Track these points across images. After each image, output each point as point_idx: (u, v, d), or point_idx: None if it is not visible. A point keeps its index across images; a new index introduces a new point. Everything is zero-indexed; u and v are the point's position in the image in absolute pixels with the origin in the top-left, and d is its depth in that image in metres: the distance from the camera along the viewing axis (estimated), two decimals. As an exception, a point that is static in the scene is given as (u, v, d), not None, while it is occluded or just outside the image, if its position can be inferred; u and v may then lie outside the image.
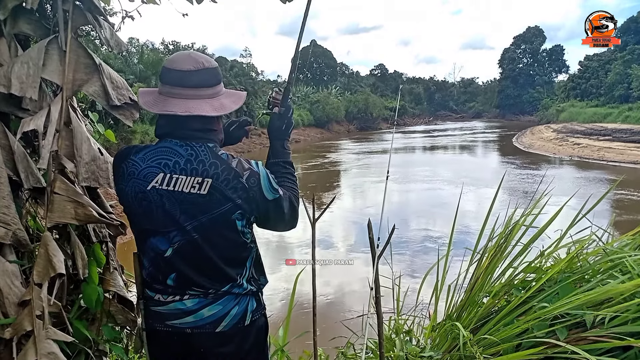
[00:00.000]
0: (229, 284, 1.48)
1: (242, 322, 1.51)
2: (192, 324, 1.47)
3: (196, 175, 1.38)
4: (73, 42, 1.48)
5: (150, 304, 1.52)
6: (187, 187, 1.38)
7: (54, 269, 1.38)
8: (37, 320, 1.36)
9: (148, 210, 1.41)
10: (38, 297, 1.38)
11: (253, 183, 1.42)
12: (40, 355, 1.35)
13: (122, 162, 1.44)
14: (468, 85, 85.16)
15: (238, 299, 1.51)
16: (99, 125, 1.98)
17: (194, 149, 1.41)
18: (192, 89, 1.41)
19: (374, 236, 2.14)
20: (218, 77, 1.49)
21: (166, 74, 1.43)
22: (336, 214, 12.53)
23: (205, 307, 1.47)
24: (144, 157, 1.42)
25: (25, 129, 1.39)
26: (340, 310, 6.45)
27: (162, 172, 1.39)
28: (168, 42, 39.27)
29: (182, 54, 1.46)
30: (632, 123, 29.15)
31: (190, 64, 1.41)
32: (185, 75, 1.40)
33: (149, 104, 1.44)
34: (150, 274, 1.49)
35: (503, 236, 2.59)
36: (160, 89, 1.45)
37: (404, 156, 27.32)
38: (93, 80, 1.50)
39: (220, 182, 1.38)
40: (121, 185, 1.44)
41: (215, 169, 1.39)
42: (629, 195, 13.74)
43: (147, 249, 1.47)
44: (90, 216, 1.49)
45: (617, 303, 1.97)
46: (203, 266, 1.45)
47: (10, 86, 1.37)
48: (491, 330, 2.21)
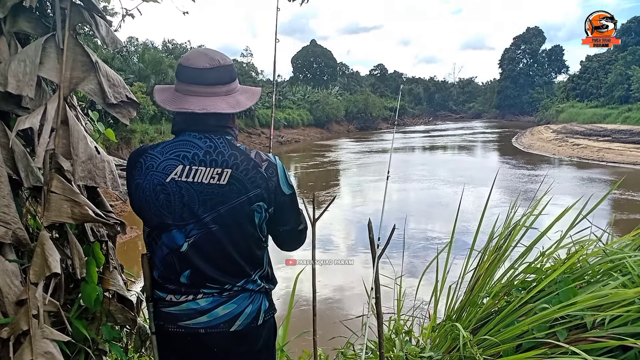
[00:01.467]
0: (243, 279, 1.48)
1: (256, 322, 1.51)
2: (206, 324, 1.45)
3: (215, 166, 1.39)
4: (70, 40, 1.48)
5: (160, 306, 1.49)
6: (207, 178, 1.39)
7: (50, 268, 1.37)
8: (33, 320, 1.36)
9: (166, 202, 1.40)
10: (34, 297, 1.37)
11: (272, 173, 1.45)
12: (36, 354, 1.33)
13: (140, 157, 1.44)
14: (468, 86, 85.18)
15: (252, 297, 1.50)
16: (99, 124, 1.98)
17: (213, 140, 1.42)
18: (208, 87, 1.42)
19: (374, 236, 2.13)
20: (233, 74, 1.50)
21: (182, 72, 1.44)
22: (336, 214, 12.53)
23: (219, 305, 1.45)
24: (163, 150, 1.42)
25: (21, 127, 1.38)
26: (340, 310, 6.46)
27: (181, 164, 1.39)
28: (167, 41, 39.32)
29: (197, 51, 1.47)
30: (632, 124, 29.14)
31: (205, 61, 1.42)
32: (201, 73, 1.41)
33: (165, 101, 1.45)
34: (162, 274, 1.47)
35: (503, 237, 2.59)
36: (177, 86, 1.46)
37: (404, 155, 27.33)
38: (89, 78, 1.49)
39: (239, 172, 1.40)
40: (138, 179, 1.42)
41: (235, 160, 1.40)
42: (629, 196, 13.75)
43: (161, 246, 1.45)
44: (86, 215, 1.48)
45: (618, 307, 1.97)
46: (218, 259, 1.44)
47: (7, 84, 1.36)
48: (491, 331, 2.21)
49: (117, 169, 1.61)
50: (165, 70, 28.13)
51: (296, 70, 65.94)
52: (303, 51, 66.39)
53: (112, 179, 1.57)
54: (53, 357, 1.37)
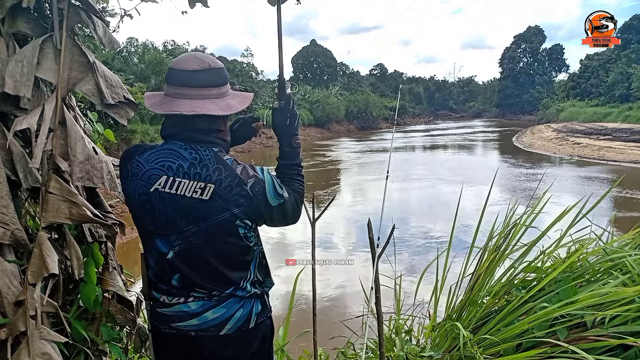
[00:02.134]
0: (231, 286, 1.47)
1: (247, 325, 1.50)
2: (196, 327, 1.46)
3: (199, 180, 1.37)
4: (68, 41, 1.47)
5: (156, 306, 1.51)
6: (190, 192, 1.37)
7: (47, 269, 1.37)
8: (31, 321, 1.35)
9: (151, 212, 1.40)
10: (32, 297, 1.36)
11: (258, 191, 1.40)
12: (33, 355, 1.33)
13: (127, 162, 1.44)
14: (468, 85, 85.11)
15: (242, 302, 1.49)
16: (98, 125, 1.98)
17: (198, 152, 1.40)
18: (198, 89, 1.40)
19: (374, 236, 2.13)
20: (224, 77, 1.47)
21: (171, 75, 1.42)
22: (336, 213, 12.52)
23: (209, 309, 1.46)
24: (148, 159, 1.41)
25: (18, 127, 1.38)
26: (340, 310, 6.45)
27: (165, 175, 1.38)
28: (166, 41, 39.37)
29: (187, 55, 1.45)
30: (632, 122, 29.10)
31: (195, 63, 1.40)
32: (190, 75, 1.39)
33: (154, 105, 1.43)
34: (155, 274, 1.50)
35: (502, 236, 2.58)
36: (166, 90, 1.44)
37: (404, 155, 27.32)
38: (87, 79, 1.49)
39: (222, 189, 1.37)
40: (126, 185, 1.44)
41: (219, 175, 1.37)
42: (629, 194, 13.74)
43: (152, 250, 1.46)
44: (84, 216, 1.48)
45: (618, 305, 1.96)
46: (204, 270, 1.44)
47: (4, 85, 1.36)
48: (491, 331, 2.21)
49: (115, 170, 1.61)
50: (165, 70, 28.06)
51: (296, 70, 65.91)
52: (303, 51, 66.35)
53: (110, 179, 1.57)
54: (50, 358, 1.37)
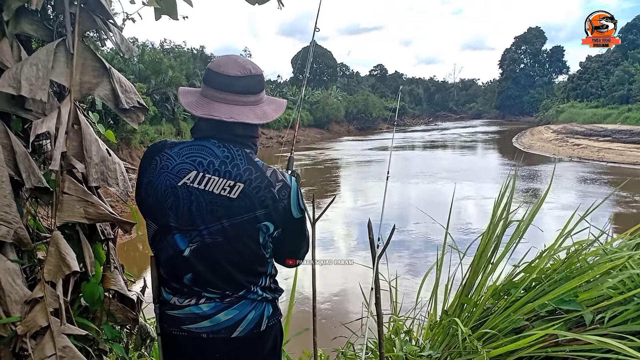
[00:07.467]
0: (243, 289, 1.47)
1: (258, 328, 1.49)
2: (208, 329, 1.45)
3: (229, 178, 1.37)
4: (80, 45, 1.49)
5: (165, 308, 1.50)
6: (218, 189, 1.36)
7: (69, 266, 1.39)
8: (52, 317, 1.40)
9: (175, 206, 1.38)
10: (50, 295, 1.40)
11: (284, 195, 1.42)
12: (57, 349, 1.38)
13: (157, 155, 1.42)
14: (468, 86, 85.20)
15: (254, 304, 1.49)
16: (99, 126, 1.99)
17: (231, 151, 1.40)
18: (237, 95, 1.40)
19: (374, 236, 2.14)
20: (262, 84, 1.47)
21: (212, 77, 1.41)
22: (336, 213, 12.54)
23: (221, 311, 1.45)
24: (180, 152, 1.40)
25: (39, 131, 1.39)
26: (340, 311, 6.46)
27: (195, 170, 1.37)
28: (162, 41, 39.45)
29: (229, 58, 1.44)
30: (632, 124, 29.16)
31: (237, 69, 1.39)
32: (231, 81, 1.39)
33: (192, 105, 1.42)
34: (167, 272, 1.47)
35: (499, 237, 2.59)
36: (204, 91, 1.43)
37: (404, 155, 27.33)
38: (103, 84, 1.52)
39: (251, 189, 1.37)
40: (151, 177, 1.41)
41: (249, 175, 1.38)
42: (628, 195, 13.75)
43: (166, 246, 1.44)
44: (102, 214, 1.50)
45: (618, 304, 1.97)
46: (218, 269, 1.43)
47: (20, 88, 1.37)
48: (489, 328, 2.22)
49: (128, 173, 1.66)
50: (165, 70, 28.13)
51: (296, 71, 66.01)
52: (303, 52, 66.46)
53: (123, 180, 1.60)
54: (72, 350, 1.42)
